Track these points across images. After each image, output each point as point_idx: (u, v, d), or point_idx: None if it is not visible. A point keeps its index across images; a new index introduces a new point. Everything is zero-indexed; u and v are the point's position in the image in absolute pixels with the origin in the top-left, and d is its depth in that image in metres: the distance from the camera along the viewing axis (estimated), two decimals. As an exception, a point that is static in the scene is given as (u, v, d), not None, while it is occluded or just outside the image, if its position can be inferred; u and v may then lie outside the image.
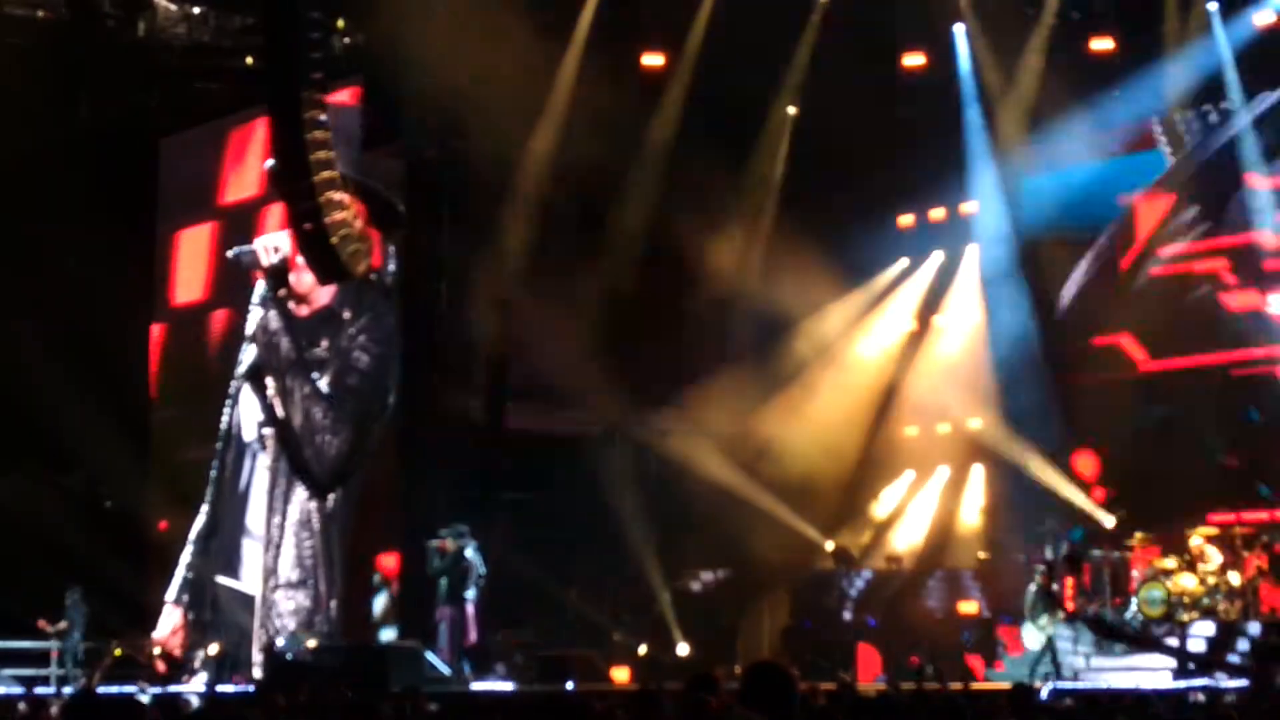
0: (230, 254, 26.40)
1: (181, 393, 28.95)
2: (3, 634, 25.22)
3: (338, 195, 23.85)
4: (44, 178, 26.76)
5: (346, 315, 26.31)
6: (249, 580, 26.19)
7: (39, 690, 22.53)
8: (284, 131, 23.90)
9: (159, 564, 27.12)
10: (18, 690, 22.44)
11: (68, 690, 22.90)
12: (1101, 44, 25.49)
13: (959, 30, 25.98)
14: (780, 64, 26.49)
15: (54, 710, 15.87)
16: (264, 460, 26.37)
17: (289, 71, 23.74)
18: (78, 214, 26.77)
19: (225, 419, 26.88)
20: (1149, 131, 26.06)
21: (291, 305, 26.46)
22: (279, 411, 26.01)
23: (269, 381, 26.02)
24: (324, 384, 26.09)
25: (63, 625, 25.30)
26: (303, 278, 26.21)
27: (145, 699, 17.90)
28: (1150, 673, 21.08)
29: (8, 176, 26.48)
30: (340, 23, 26.22)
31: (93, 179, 26.86)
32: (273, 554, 25.85)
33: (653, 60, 26.35)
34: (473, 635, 23.68)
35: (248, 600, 25.84)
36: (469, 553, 23.62)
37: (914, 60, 26.35)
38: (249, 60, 27.20)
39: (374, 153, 26.02)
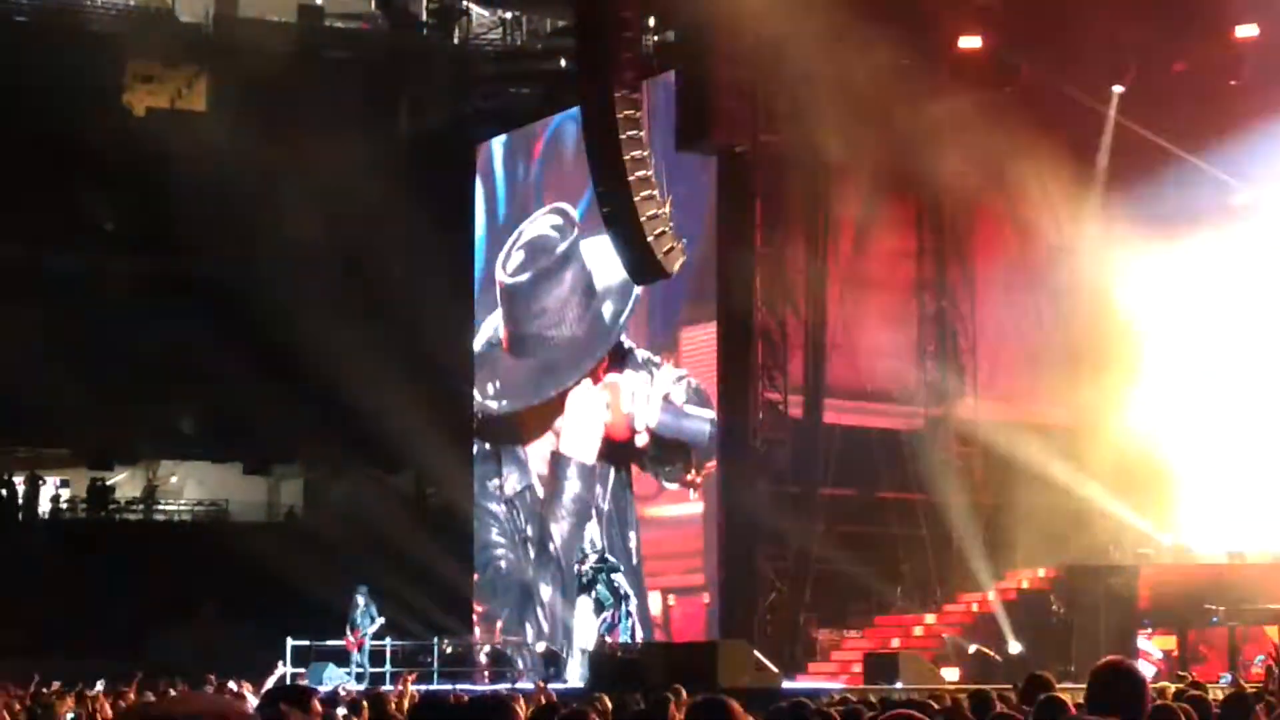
0: None
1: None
2: (329, 634, 26.11)
3: (652, 192, 23.91)
4: (369, 187, 27.39)
5: None
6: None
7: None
8: (598, 132, 24.19)
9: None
10: (356, 686, 23.23)
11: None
12: None
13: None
14: (1101, 42, 25.66)
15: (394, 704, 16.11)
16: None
17: (601, 71, 23.98)
18: (402, 221, 27.45)
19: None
20: None
21: None
22: None
23: None
24: None
25: (380, 622, 25.84)
26: None
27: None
28: None
29: (336, 188, 27.23)
30: (651, 20, 26.20)
31: (415, 186, 27.45)
32: None
33: (970, 43, 25.63)
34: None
35: None
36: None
37: (1247, 31, 25.08)
38: (562, 63, 27.38)
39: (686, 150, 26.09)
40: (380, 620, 25.50)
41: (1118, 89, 26.16)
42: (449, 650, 26.85)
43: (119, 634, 27.84)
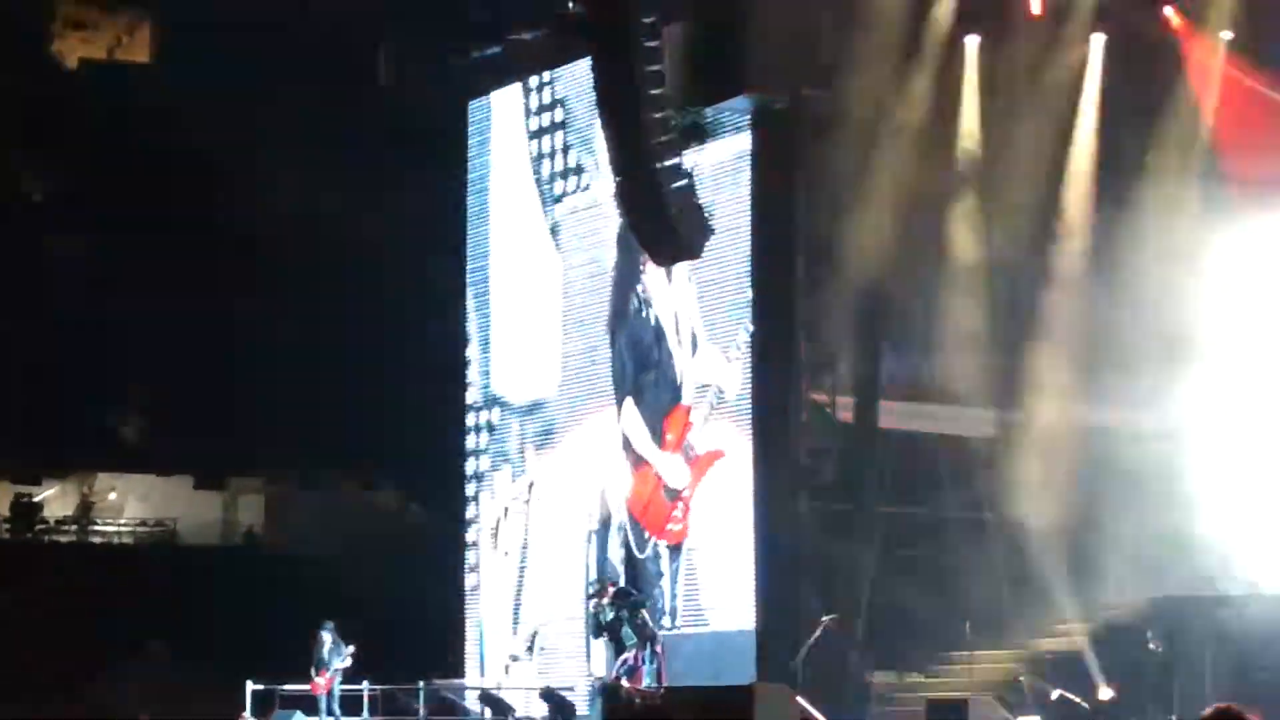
0: None
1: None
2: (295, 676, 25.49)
3: (676, 159, 22.72)
4: (344, 152, 26.84)
5: None
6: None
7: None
8: (611, 87, 22.68)
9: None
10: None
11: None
12: None
13: None
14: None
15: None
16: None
17: (616, 15, 22.46)
18: (383, 192, 26.88)
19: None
20: None
21: None
22: None
23: None
24: None
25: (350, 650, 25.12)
26: None
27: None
28: None
29: (304, 153, 26.37)
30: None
31: (398, 150, 27.20)
32: None
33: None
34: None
35: None
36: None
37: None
38: (570, 4, 26.29)
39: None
40: (351, 649, 24.70)
41: (1226, 34, 24.30)
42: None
43: (50, 677, 27.65)
